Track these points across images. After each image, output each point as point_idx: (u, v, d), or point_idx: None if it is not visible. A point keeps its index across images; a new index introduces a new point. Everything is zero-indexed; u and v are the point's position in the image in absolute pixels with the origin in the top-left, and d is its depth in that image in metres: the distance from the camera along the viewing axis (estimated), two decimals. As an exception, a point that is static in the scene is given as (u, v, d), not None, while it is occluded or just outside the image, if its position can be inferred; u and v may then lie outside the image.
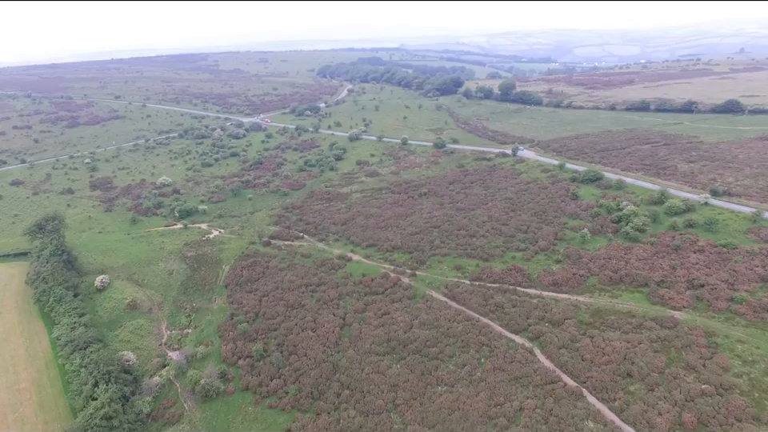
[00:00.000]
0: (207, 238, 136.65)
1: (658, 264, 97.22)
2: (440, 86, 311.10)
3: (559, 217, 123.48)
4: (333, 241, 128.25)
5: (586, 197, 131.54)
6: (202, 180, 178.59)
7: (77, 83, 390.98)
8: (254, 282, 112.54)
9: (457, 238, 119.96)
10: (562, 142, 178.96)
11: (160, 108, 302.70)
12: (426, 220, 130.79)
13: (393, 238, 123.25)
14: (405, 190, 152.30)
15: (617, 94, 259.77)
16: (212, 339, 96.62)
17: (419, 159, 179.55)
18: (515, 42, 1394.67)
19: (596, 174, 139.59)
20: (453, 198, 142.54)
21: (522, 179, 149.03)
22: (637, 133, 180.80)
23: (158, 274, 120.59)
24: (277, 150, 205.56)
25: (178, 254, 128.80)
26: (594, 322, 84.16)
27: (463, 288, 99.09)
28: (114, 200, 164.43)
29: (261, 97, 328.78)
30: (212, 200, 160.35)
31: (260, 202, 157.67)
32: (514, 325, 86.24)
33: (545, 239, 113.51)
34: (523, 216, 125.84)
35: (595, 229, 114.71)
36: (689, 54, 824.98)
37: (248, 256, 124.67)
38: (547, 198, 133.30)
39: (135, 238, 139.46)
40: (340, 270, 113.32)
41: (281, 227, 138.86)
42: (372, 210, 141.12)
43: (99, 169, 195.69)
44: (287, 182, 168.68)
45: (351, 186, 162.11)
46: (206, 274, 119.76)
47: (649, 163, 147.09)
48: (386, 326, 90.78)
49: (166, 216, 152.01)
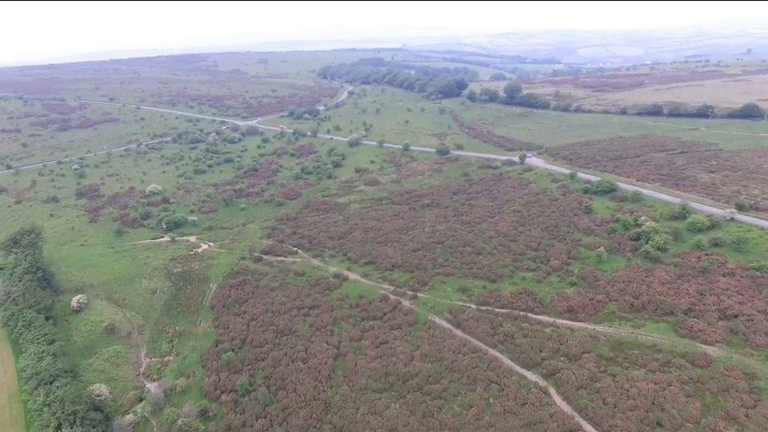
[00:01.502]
0: (195, 253, 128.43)
1: (683, 289, 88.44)
2: (443, 88, 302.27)
3: (572, 232, 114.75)
4: (328, 257, 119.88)
5: (600, 210, 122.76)
6: (194, 188, 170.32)
7: (71, 84, 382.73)
8: (243, 304, 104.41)
9: (462, 255, 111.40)
10: (572, 149, 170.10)
11: (155, 110, 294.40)
12: (429, 234, 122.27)
13: (393, 255, 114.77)
14: (406, 201, 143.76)
15: (626, 96, 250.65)
16: (194, 369, 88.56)
17: (421, 166, 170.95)
18: (518, 43, 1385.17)
19: (610, 184, 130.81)
20: (457, 210, 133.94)
21: (530, 189, 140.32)
22: (651, 139, 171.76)
23: (141, 293, 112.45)
24: (273, 156, 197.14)
25: (164, 270, 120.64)
26: (616, 357, 75.45)
27: (469, 314, 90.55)
28: (100, 209, 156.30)
29: (259, 99, 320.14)
30: (203, 210, 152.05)
31: (253, 213, 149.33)
32: (526, 358, 77.67)
33: (557, 258, 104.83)
34: (533, 231, 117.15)
35: (612, 247, 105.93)
36: (693, 55, 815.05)
37: (237, 273, 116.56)
38: (558, 212, 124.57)
39: (119, 251, 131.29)
40: (335, 290, 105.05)
41: (274, 241, 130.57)
42: (371, 222, 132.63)
43: (87, 175, 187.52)
44: (282, 191, 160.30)
45: (349, 195, 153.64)
46: (191, 293, 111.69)
47: (666, 173, 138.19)
48: (385, 357, 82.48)
49: (154, 227, 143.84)
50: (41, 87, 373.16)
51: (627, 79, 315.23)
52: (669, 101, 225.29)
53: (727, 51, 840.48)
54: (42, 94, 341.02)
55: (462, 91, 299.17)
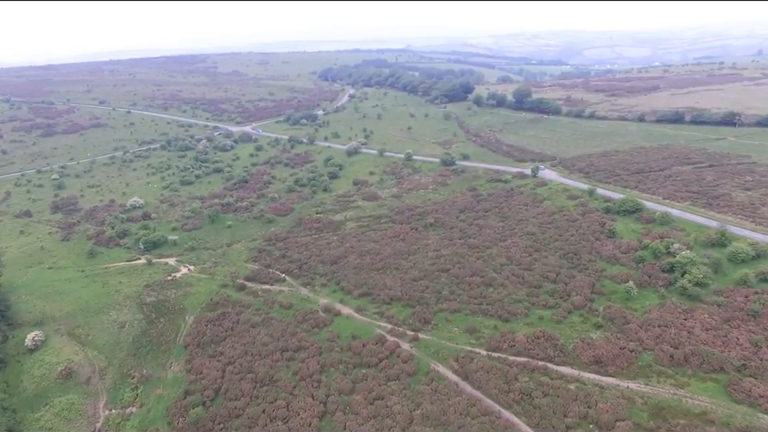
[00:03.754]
0: (173, 278, 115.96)
1: (733, 338, 75.03)
2: (448, 92, 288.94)
3: (594, 261, 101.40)
4: (319, 286, 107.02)
5: (625, 234, 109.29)
6: (179, 201, 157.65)
7: (63, 86, 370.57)
8: (220, 343, 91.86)
9: (469, 287, 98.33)
10: (588, 161, 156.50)
11: (146, 115, 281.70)
12: (432, 260, 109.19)
13: (391, 285, 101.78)
14: (407, 219, 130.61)
15: (642, 102, 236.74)
16: (159, 425, 76.09)
17: (425, 179, 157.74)
18: (523, 44, 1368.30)
19: (635, 203, 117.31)
20: (464, 231, 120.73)
21: (545, 208, 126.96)
22: (674, 150, 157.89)
23: (107, 327, 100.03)
24: (266, 166, 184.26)
25: (136, 298, 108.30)
26: (658, 428, 62.17)
27: (479, 362, 77.53)
28: (75, 226, 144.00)
29: (255, 103, 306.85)
30: (185, 228, 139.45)
31: (240, 231, 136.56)
32: (548, 425, 64.65)
33: (579, 293, 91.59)
34: (550, 259, 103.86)
35: (642, 280, 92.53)
36: (704, 56, 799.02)
37: (217, 304, 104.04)
38: (578, 235, 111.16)
39: (89, 276, 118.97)
40: (325, 327, 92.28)
41: (260, 265, 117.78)
42: (368, 245, 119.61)
43: (66, 186, 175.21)
44: (273, 206, 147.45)
45: (346, 212, 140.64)
46: (164, 327, 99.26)
47: (696, 190, 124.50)
48: (379, 418, 69.72)
49: (130, 247, 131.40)
50: (31, 89, 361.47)
51: (641, 83, 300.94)
52: (689, 106, 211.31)
53: (736, 52, 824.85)
54: (30, 97, 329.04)
55: (467, 95, 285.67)
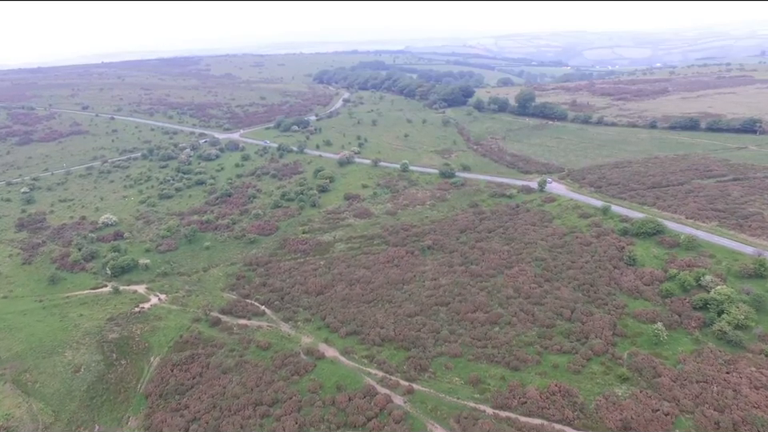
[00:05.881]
0: (141, 310, 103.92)
1: (789, 400, 62.81)
2: (447, 96, 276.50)
3: (614, 294, 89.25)
4: (302, 321, 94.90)
5: (647, 261, 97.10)
6: (155, 218, 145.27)
7: (47, 90, 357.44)
8: (186, 393, 79.79)
9: (472, 324, 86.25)
10: (600, 173, 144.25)
11: (129, 121, 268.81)
12: (430, 291, 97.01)
13: (383, 322, 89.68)
14: (402, 241, 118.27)
15: (652, 106, 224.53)
16: (105, 502, 63.75)
17: (422, 194, 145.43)
18: (523, 45, 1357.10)
19: (655, 225, 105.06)
20: (465, 256, 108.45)
21: (554, 228, 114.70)
22: (693, 161, 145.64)
23: (60, 372, 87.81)
24: (251, 177, 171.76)
25: (96, 335, 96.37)
26: None
27: (484, 424, 65.52)
28: (39, 247, 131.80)
29: (245, 108, 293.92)
30: (160, 249, 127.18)
31: (218, 253, 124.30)
32: None
33: (598, 334, 79.50)
34: (563, 291, 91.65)
35: (671, 320, 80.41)
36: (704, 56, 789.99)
37: (187, 343, 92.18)
38: (593, 262, 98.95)
39: (47, 307, 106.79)
40: (306, 374, 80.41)
41: (237, 295, 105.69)
42: (358, 271, 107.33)
43: (36, 201, 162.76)
44: (256, 224, 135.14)
45: (335, 231, 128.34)
46: (125, 371, 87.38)
47: (722, 208, 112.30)
48: (365, 500, 57.36)
49: (97, 273, 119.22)
50: (13, 94, 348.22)
51: (648, 86, 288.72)
52: (702, 112, 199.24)
53: (738, 53, 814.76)
54: (11, 102, 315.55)
55: (468, 99, 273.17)
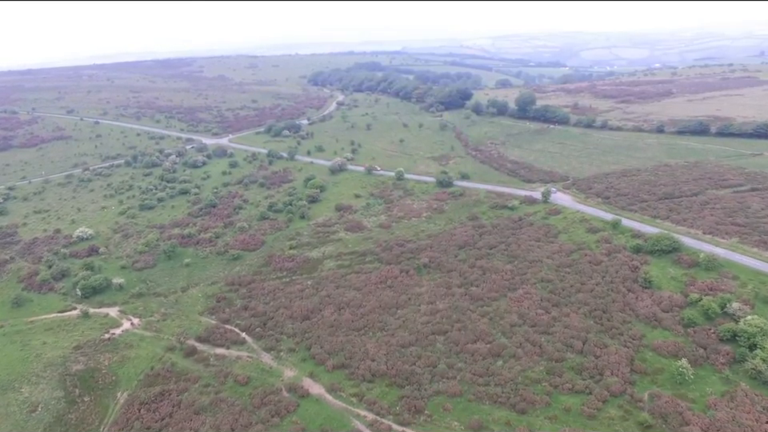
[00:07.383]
0: (111, 336, 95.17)
1: (842, 459, 54.31)
2: (444, 99, 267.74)
3: (629, 322, 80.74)
4: (286, 351, 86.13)
5: (664, 283, 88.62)
6: (134, 231, 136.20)
7: (32, 93, 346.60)
8: (152, 438, 70.79)
9: (472, 357, 77.66)
10: (607, 182, 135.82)
11: (115, 125, 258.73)
12: (426, 318, 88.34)
13: (374, 354, 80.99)
14: (397, 258, 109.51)
15: (657, 109, 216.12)
16: None
17: (418, 204, 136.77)
18: (520, 45, 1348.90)
19: (671, 242, 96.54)
20: (464, 276, 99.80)
21: (561, 244, 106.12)
22: (705, 169, 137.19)
23: (14, 412, 79.03)
24: (238, 186, 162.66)
25: (59, 367, 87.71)
26: None
27: (489, 484, 56.54)
28: (7, 264, 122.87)
29: (236, 111, 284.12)
30: (136, 266, 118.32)
31: (199, 271, 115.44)
32: None
33: (614, 370, 71.02)
34: (573, 318, 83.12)
35: (696, 354, 71.91)
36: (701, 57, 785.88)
37: (158, 376, 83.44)
38: (605, 284, 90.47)
39: (7, 334, 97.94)
40: (288, 416, 71.87)
41: (217, 319, 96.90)
42: (348, 293, 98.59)
43: (9, 212, 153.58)
44: (241, 238, 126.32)
45: (324, 246, 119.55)
46: (87, 410, 78.79)
47: (742, 222, 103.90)
48: None
49: (67, 293, 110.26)
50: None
51: (651, 87, 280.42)
52: (711, 115, 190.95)
53: (735, 54, 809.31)
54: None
55: (465, 102, 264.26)
